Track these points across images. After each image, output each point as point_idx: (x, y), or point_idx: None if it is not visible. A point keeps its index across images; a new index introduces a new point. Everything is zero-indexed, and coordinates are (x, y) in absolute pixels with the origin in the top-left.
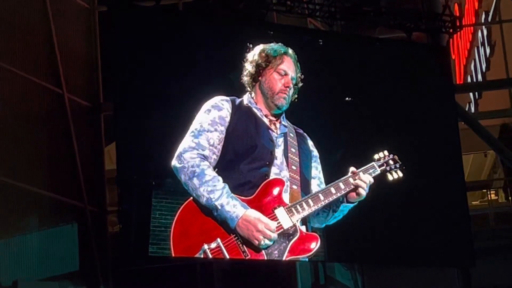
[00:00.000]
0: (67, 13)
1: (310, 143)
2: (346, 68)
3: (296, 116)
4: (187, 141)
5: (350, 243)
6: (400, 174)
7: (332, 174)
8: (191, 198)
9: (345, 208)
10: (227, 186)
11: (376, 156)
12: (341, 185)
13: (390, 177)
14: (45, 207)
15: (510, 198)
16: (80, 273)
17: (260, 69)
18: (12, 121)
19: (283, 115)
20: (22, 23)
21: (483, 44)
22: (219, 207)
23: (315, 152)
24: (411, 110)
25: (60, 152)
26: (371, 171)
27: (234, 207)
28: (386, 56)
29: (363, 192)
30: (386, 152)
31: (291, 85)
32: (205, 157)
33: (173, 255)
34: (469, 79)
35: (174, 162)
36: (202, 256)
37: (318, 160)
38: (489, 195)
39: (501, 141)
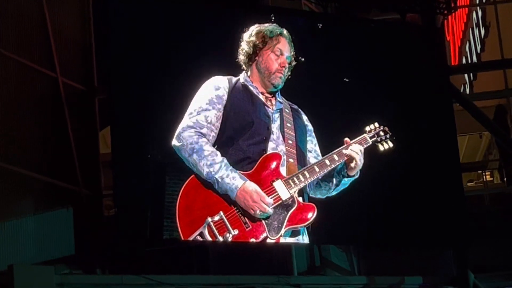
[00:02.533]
0: None
1: (305, 117)
2: (340, 50)
3: (291, 92)
4: (185, 121)
5: (345, 225)
6: (391, 145)
7: (328, 147)
8: (194, 174)
9: (347, 181)
10: (225, 160)
11: (367, 128)
12: (335, 157)
13: (381, 148)
14: (40, 191)
15: (505, 179)
16: (75, 257)
17: (257, 49)
18: (6, 105)
19: (278, 92)
20: (15, 6)
21: (477, 25)
22: (219, 180)
23: (310, 126)
24: (405, 92)
25: (54, 136)
26: (362, 142)
27: (233, 179)
28: (381, 38)
29: (358, 162)
30: (376, 124)
31: (286, 65)
32: (203, 135)
33: (178, 228)
34: (463, 60)
35: (174, 142)
36: (206, 230)
37: (313, 134)
38: (484, 176)
39: (496, 122)
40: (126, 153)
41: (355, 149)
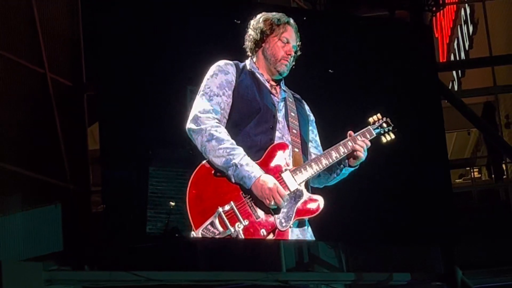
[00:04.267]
0: None
1: (307, 107)
2: (328, 47)
3: (294, 82)
4: (201, 104)
5: (333, 222)
6: (393, 136)
7: (328, 138)
8: (203, 162)
9: (346, 171)
10: (242, 149)
11: (370, 119)
12: (341, 149)
13: (383, 140)
14: (28, 187)
15: (493, 176)
16: (64, 253)
17: (264, 36)
18: None
19: (283, 80)
20: (2, 1)
21: (466, 22)
22: (239, 166)
23: (312, 117)
24: (393, 88)
25: (42, 132)
26: (367, 135)
27: (253, 167)
28: (369, 35)
29: (361, 155)
30: (379, 115)
31: (292, 53)
32: (219, 121)
33: (190, 218)
34: (452, 57)
35: (190, 125)
36: (217, 219)
37: (314, 124)
38: (472, 173)
39: (484, 119)
40: (114, 149)
41: (361, 144)
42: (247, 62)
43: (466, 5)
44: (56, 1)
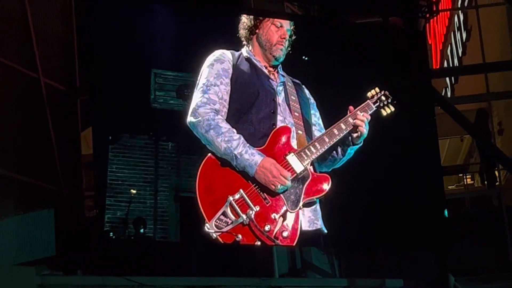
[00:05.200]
0: None
1: (307, 91)
2: (321, 52)
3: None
4: (198, 97)
5: (326, 228)
6: (392, 109)
7: (331, 120)
8: (209, 154)
9: (352, 150)
10: (242, 137)
11: (369, 94)
12: (342, 126)
13: (383, 112)
14: (21, 192)
15: (486, 182)
16: (56, 257)
17: (257, 22)
18: None
19: (280, 66)
20: None
21: (459, 29)
22: (238, 156)
23: (312, 100)
24: None
25: (36, 137)
26: (367, 109)
27: (252, 155)
28: (362, 41)
29: (364, 130)
30: (377, 89)
31: (287, 37)
32: (217, 111)
33: (202, 210)
34: (445, 64)
35: (190, 118)
36: (229, 209)
37: (316, 108)
38: (465, 180)
39: (477, 126)
40: (137, 175)
41: (361, 118)
42: (243, 50)
43: (460, 11)
44: (50, 6)
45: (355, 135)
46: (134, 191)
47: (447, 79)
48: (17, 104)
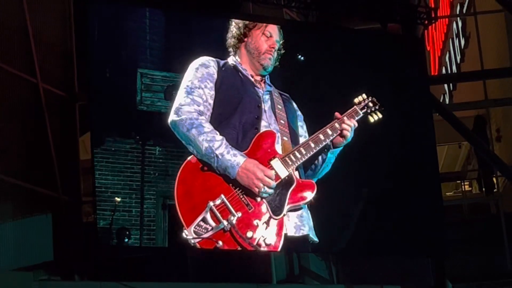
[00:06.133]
0: (42, 1)
1: (295, 104)
2: (320, 59)
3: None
4: (182, 97)
5: (323, 234)
6: (380, 116)
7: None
8: (189, 158)
9: (332, 155)
10: (225, 139)
11: (356, 100)
12: (329, 131)
13: (371, 119)
14: (19, 197)
15: (483, 189)
16: (54, 263)
17: (246, 30)
18: None
19: (267, 77)
20: None
21: (458, 35)
22: (220, 156)
23: (299, 113)
24: (385, 101)
25: (34, 142)
26: (354, 114)
27: (234, 156)
28: (361, 47)
29: (348, 134)
30: (364, 96)
31: (276, 47)
32: (201, 112)
33: (180, 216)
34: (443, 71)
35: (173, 117)
36: (209, 214)
37: (303, 121)
38: (463, 186)
39: (475, 133)
40: (122, 182)
41: (348, 123)
42: (229, 59)
43: (458, 18)
44: (49, 12)
45: (338, 139)
46: (118, 199)
47: (446, 85)
48: (15, 109)
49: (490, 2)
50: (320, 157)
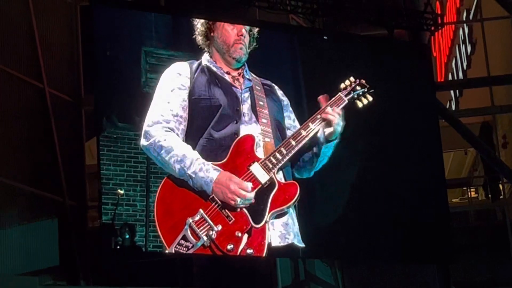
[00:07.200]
0: (49, 7)
1: (280, 92)
2: (327, 64)
3: (263, 68)
4: (150, 116)
5: (329, 240)
6: (370, 99)
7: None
8: (166, 177)
9: (327, 149)
10: (196, 153)
11: (342, 85)
12: (310, 124)
13: (359, 104)
14: (26, 201)
15: (489, 195)
16: (60, 268)
17: (210, 25)
18: None
19: (246, 68)
20: (2, 17)
21: (464, 42)
22: (193, 175)
23: (286, 101)
24: (392, 107)
25: (40, 147)
26: (338, 102)
27: (207, 172)
28: (368, 53)
29: (336, 125)
30: (352, 79)
31: (244, 32)
32: (170, 129)
33: (160, 236)
34: (450, 77)
35: (142, 141)
36: (189, 231)
37: (290, 108)
38: (469, 193)
39: (482, 139)
40: (125, 172)
41: (331, 112)
42: (203, 58)
43: (465, 25)
44: (56, 18)
45: (327, 131)
46: (121, 192)
47: (452, 92)
48: (22, 114)
49: (496, 8)
50: (315, 150)
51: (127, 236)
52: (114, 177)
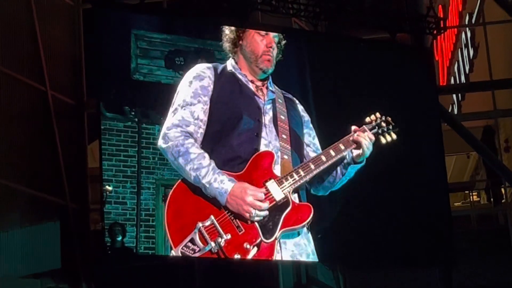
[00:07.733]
0: (51, 10)
1: (300, 107)
2: (329, 68)
3: (284, 81)
4: (170, 119)
5: (331, 244)
6: (394, 137)
7: (327, 137)
8: (181, 179)
9: (352, 169)
10: (213, 163)
11: (367, 119)
12: (332, 152)
13: (383, 140)
14: (28, 204)
15: (492, 199)
16: (62, 270)
17: (239, 33)
18: None
19: (270, 79)
20: (5, 20)
21: (466, 45)
22: (207, 185)
23: (307, 117)
24: (394, 111)
25: (43, 150)
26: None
27: (221, 183)
28: (370, 57)
29: (367, 148)
30: (378, 114)
31: (274, 45)
32: (189, 134)
33: (168, 236)
34: (452, 81)
35: (160, 143)
36: (197, 235)
37: (311, 125)
38: (471, 197)
39: (484, 143)
40: (114, 167)
41: (363, 135)
42: (228, 62)
43: (467, 28)
44: (58, 21)
45: (356, 153)
46: (109, 188)
47: (454, 96)
48: (24, 117)
49: (499, 12)
50: (339, 170)
51: (119, 238)
52: (102, 172)
